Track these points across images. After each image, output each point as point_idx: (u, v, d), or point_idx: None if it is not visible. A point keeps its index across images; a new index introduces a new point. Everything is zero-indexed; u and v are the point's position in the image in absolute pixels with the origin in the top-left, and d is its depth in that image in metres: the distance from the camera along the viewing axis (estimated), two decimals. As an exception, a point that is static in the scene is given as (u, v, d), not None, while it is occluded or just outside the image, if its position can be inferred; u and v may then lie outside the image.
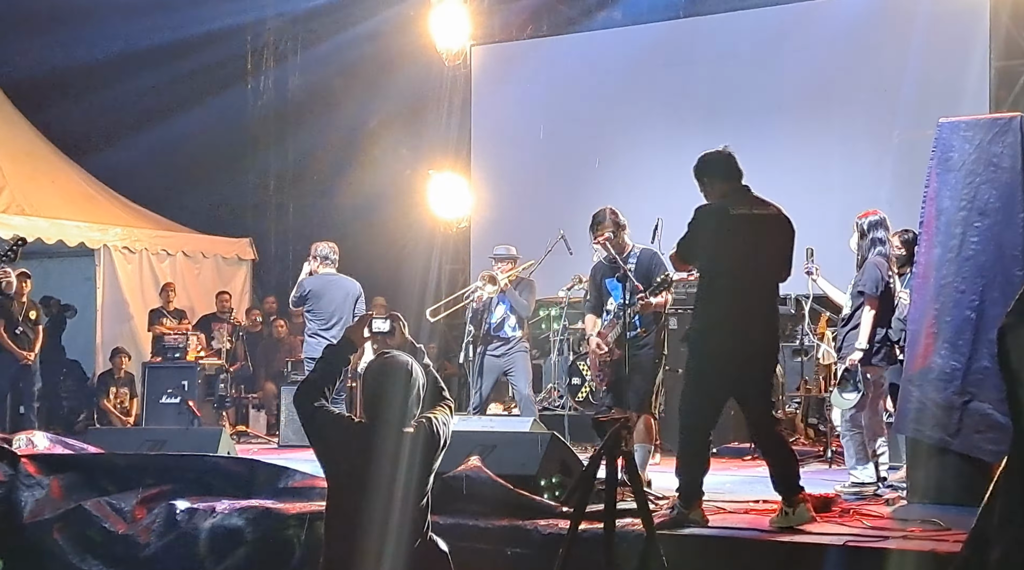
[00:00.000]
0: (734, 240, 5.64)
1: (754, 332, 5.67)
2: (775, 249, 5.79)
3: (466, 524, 5.63)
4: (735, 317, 5.61)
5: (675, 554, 4.70)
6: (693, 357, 5.83)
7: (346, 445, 4.29)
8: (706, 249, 5.75)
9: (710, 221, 5.70)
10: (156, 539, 6.16)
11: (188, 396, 11.64)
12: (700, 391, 5.73)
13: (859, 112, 12.00)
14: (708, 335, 5.69)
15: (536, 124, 13.80)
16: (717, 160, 5.89)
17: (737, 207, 5.71)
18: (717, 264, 5.73)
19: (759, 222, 5.72)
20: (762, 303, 5.74)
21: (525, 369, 9.17)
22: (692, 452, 5.70)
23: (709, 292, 5.78)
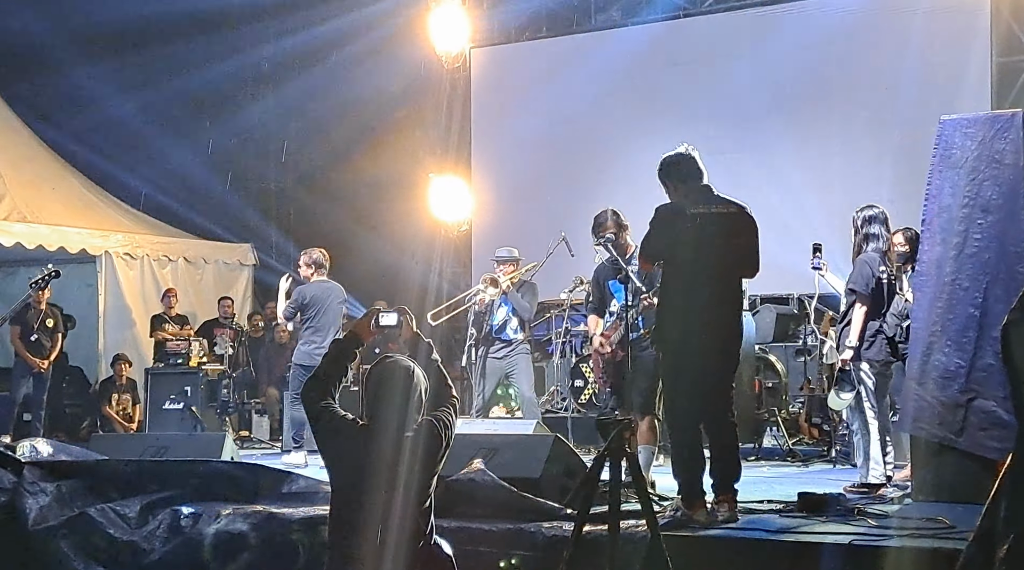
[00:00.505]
0: (691, 239, 5.71)
1: (712, 330, 5.73)
2: (736, 247, 5.84)
3: (470, 527, 5.61)
4: (692, 315, 5.69)
5: (680, 555, 4.68)
6: (663, 357, 5.96)
7: (349, 447, 4.28)
8: (666, 248, 5.85)
9: (668, 221, 5.80)
10: (160, 545, 6.14)
11: (191, 402, 11.64)
12: (676, 390, 5.81)
13: (860, 110, 11.98)
14: (668, 333, 5.82)
15: (536, 126, 13.78)
16: (677, 162, 5.97)
17: (695, 206, 5.78)
18: (675, 263, 5.82)
19: (718, 221, 5.77)
20: (721, 301, 5.79)
21: (527, 371, 9.17)
22: (685, 452, 5.75)
23: (669, 291, 5.88)
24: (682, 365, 5.76)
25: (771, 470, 8.85)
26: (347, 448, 4.29)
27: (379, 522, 4.15)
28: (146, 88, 15.07)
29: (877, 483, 6.92)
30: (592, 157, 13.27)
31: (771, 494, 6.71)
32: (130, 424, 12.43)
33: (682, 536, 5.18)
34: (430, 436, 4.29)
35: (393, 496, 4.16)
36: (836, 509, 5.91)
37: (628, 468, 4.52)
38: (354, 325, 4.66)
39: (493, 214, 13.83)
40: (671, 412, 5.88)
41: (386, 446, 4.21)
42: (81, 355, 13.82)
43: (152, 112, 15.14)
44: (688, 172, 5.92)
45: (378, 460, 4.20)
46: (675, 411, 5.85)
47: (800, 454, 9.54)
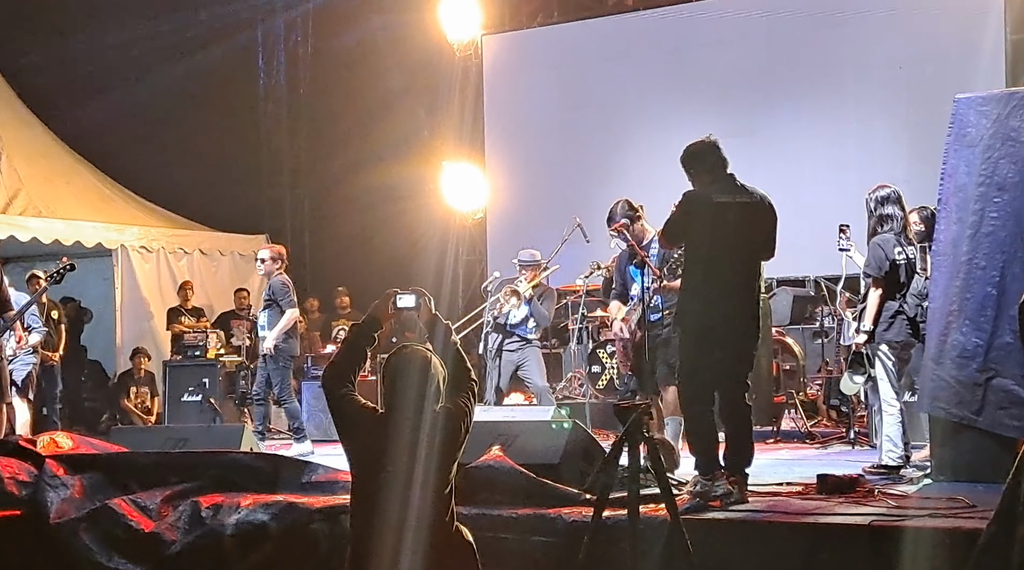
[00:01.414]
0: (716, 228, 5.86)
1: (732, 315, 5.86)
2: (757, 234, 6.00)
3: (490, 514, 5.62)
4: (714, 300, 5.84)
5: (700, 539, 4.69)
6: (682, 339, 6.10)
7: (368, 436, 4.28)
8: (689, 235, 6.02)
9: (694, 208, 5.95)
10: (182, 536, 6.15)
11: (209, 394, 11.68)
12: (694, 370, 5.93)
13: (874, 90, 11.92)
14: (691, 317, 5.96)
15: (549, 112, 13.77)
16: (701, 151, 6.07)
17: (721, 195, 5.91)
18: (699, 250, 5.97)
19: (741, 210, 5.91)
20: (742, 287, 5.92)
21: (538, 363, 9.33)
22: (700, 432, 5.89)
23: (692, 276, 6.02)
24: (702, 346, 5.86)
25: (790, 452, 8.84)
26: (366, 437, 4.29)
27: (399, 509, 4.15)
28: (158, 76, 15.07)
29: (896, 464, 6.89)
30: (606, 142, 13.24)
31: (790, 476, 6.71)
32: (149, 417, 12.48)
33: (702, 520, 5.18)
34: (449, 423, 4.28)
35: (413, 484, 4.16)
36: (855, 490, 5.91)
37: (647, 453, 4.53)
38: (372, 308, 4.62)
39: (508, 201, 13.81)
40: (688, 390, 5.99)
41: (405, 434, 4.21)
42: (99, 349, 13.90)
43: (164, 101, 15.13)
44: (712, 161, 6.02)
45: (397, 449, 4.20)
46: (692, 389, 5.94)
47: (818, 436, 9.53)
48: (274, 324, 9.74)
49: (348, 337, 4.57)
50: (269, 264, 9.94)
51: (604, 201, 7.82)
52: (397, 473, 4.18)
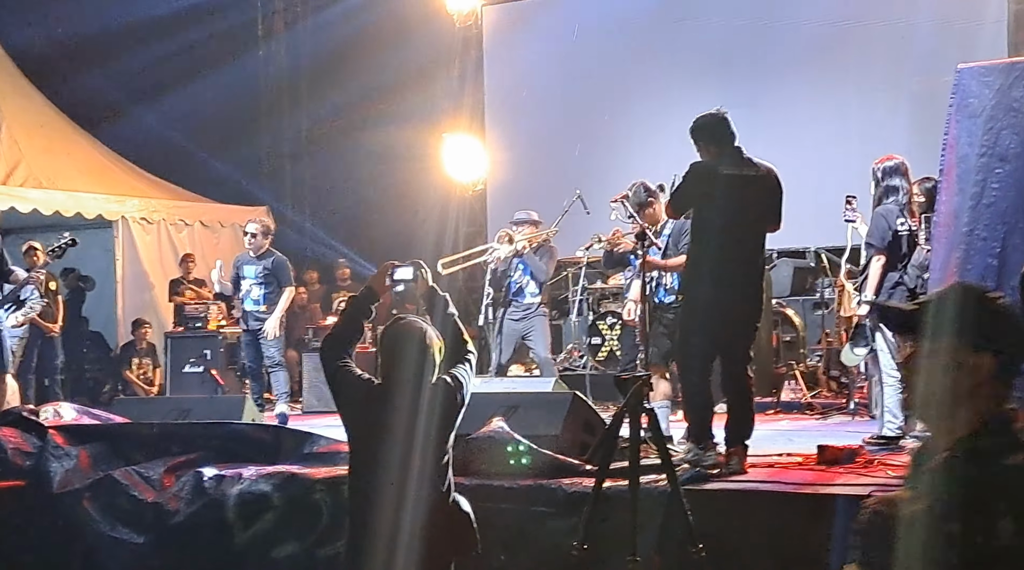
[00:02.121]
0: (721, 200, 5.91)
1: (736, 287, 5.92)
2: (762, 207, 6.06)
3: (491, 485, 5.64)
4: (720, 272, 5.88)
5: (700, 509, 4.71)
6: (685, 309, 6.19)
7: (365, 406, 4.30)
8: (695, 207, 6.10)
9: (700, 179, 6.00)
10: (185, 506, 6.19)
11: (211, 365, 11.70)
12: (695, 335, 5.97)
13: (875, 60, 11.89)
14: (696, 288, 6.02)
15: (550, 83, 13.72)
16: (710, 124, 6.11)
17: (727, 168, 5.95)
18: (705, 222, 6.03)
19: (747, 183, 5.96)
20: (745, 260, 5.98)
21: (543, 333, 9.20)
22: (696, 395, 5.95)
23: (698, 248, 6.08)
24: (704, 317, 5.91)
25: (790, 423, 8.87)
26: (363, 408, 4.31)
27: (396, 480, 4.17)
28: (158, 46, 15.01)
29: (896, 435, 6.91)
30: (606, 113, 13.20)
31: (790, 447, 6.72)
32: (151, 388, 12.51)
33: (702, 490, 5.20)
34: (446, 394, 4.29)
35: (410, 455, 4.18)
36: (855, 461, 5.93)
37: (648, 424, 4.55)
38: (369, 280, 4.63)
39: (508, 173, 13.79)
40: (686, 356, 6.06)
41: (401, 406, 4.22)
42: (100, 320, 13.91)
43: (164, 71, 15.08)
44: (721, 134, 6.05)
45: (394, 420, 4.21)
46: (691, 355, 6.00)
47: (818, 407, 9.55)
48: (272, 301, 9.54)
49: (345, 309, 4.58)
50: (260, 238, 9.73)
51: (605, 172, 7.86)
52: (394, 444, 4.19)
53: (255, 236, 9.76)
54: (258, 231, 9.79)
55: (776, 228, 6.21)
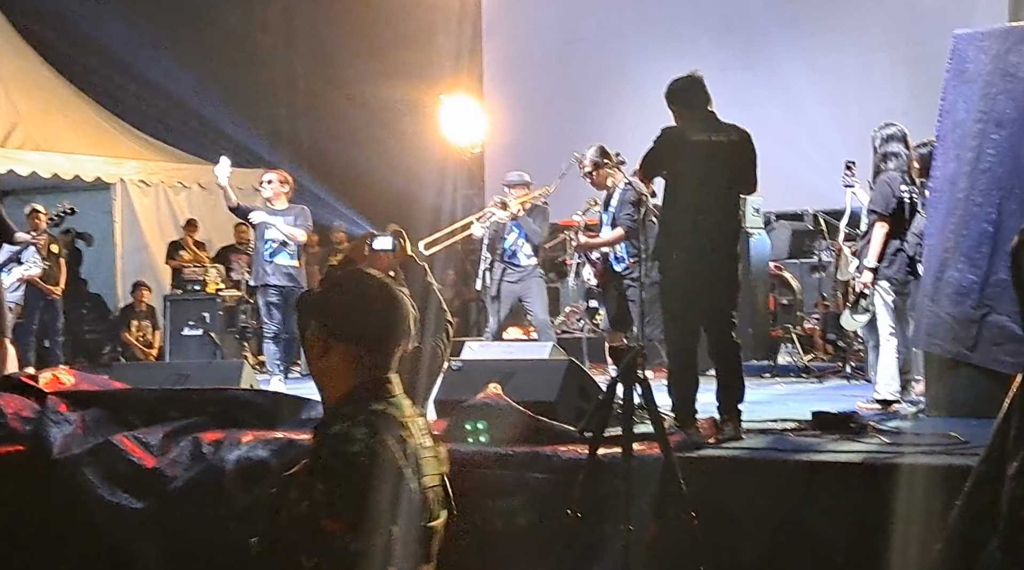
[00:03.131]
0: (690, 166, 5.83)
1: (711, 255, 5.85)
2: (733, 172, 5.97)
3: (486, 451, 5.67)
4: (692, 240, 5.82)
5: (693, 476, 4.74)
6: (661, 277, 6.11)
7: None
8: (665, 172, 6.03)
9: (669, 144, 5.92)
10: (183, 472, 6.20)
11: (210, 328, 11.74)
12: (671, 310, 5.96)
13: (874, 23, 11.84)
14: (669, 255, 5.95)
15: (548, 45, 13.66)
16: (683, 87, 6.04)
17: (697, 134, 5.87)
18: (675, 188, 5.96)
19: (719, 148, 5.87)
20: (718, 226, 5.89)
21: (541, 295, 9.20)
22: (679, 370, 5.87)
23: (669, 214, 6.03)
24: (683, 285, 5.86)
25: (786, 387, 8.92)
26: None
27: None
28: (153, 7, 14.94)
29: (891, 399, 6.96)
30: (604, 76, 13.16)
31: (785, 412, 6.75)
32: (150, 350, 12.56)
33: (695, 457, 5.22)
34: (421, 363, 4.30)
35: None
36: (849, 427, 5.96)
37: (641, 392, 4.58)
38: (348, 250, 4.63)
39: (506, 135, 13.76)
40: (671, 333, 6.00)
41: None
42: (100, 282, 13.95)
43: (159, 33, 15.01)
44: (693, 98, 5.98)
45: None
46: (675, 332, 5.95)
47: (815, 370, 9.60)
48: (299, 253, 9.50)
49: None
50: (277, 186, 9.52)
51: (602, 135, 7.85)
52: None
53: (270, 182, 9.56)
54: (274, 178, 9.57)
55: (750, 191, 6.21)
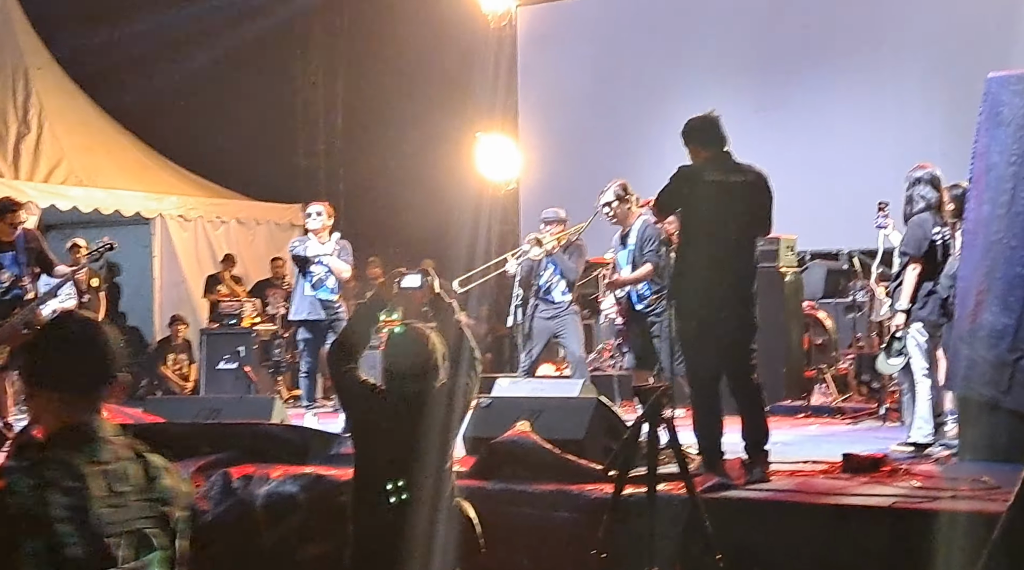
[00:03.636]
0: (706, 206, 5.84)
1: (726, 295, 5.85)
2: (749, 213, 5.96)
3: (514, 489, 5.68)
4: (708, 282, 5.81)
5: (719, 518, 4.73)
6: (678, 318, 6.07)
7: (369, 411, 4.37)
8: (681, 211, 6.04)
9: (685, 184, 5.92)
10: (214, 506, 6.26)
11: (245, 362, 11.81)
12: (689, 351, 5.96)
13: (911, 63, 11.78)
14: (684, 295, 5.94)
15: (582, 83, 13.72)
16: (700, 126, 6.04)
17: (713, 173, 5.87)
18: (691, 228, 5.96)
19: (734, 189, 5.87)
20: (734, 265, 5.90)
21: (576, 331, 9.17)
22: (704, 413, 5.84)
23: (684, 254, 6.03)
24: (700, 328, 5.85)
25: (819, 428, 8.84)
26: (367, 412, 4.38)
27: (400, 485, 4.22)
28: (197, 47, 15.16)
29: (925, 442, 6.89)
30: (639, 113, 13.19)
31: (817, 453, 6.71)
32: (186, 384, 12.65)
33: (721, 498, 5.21)
34: (448, 401, 4.34)
35: (411, 460, 4.23)
36: (881, 470, 5.92)
37: (666, 432, 4.57)
38: (377, 288, 4.71)
39: (540, 172, 13.81)
40: (690, 374, 6.00)
41: (403, 411, 4.28)
42: (137, 316, 14.08)
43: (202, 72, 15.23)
44: (710, 137, 5.98)
45: (395, 425, 4.27)
46: (694, 373, 5.95)
47: (849, 411, 9.50)
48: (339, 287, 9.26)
49: (353, 317, 4.66)
50: (325, 218, 9.19)
51: (637, 173, 7.88)
52: (396, 449, 4.25)
53: (318, 214, 9.19)
54: (323, 210, 9.26)
55: (765, 233, 6.15)
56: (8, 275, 8.35)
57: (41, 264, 8.54)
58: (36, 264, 8.51)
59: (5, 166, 12.57)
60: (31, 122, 13.13)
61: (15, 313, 8.26)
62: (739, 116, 11.63)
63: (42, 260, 8.53)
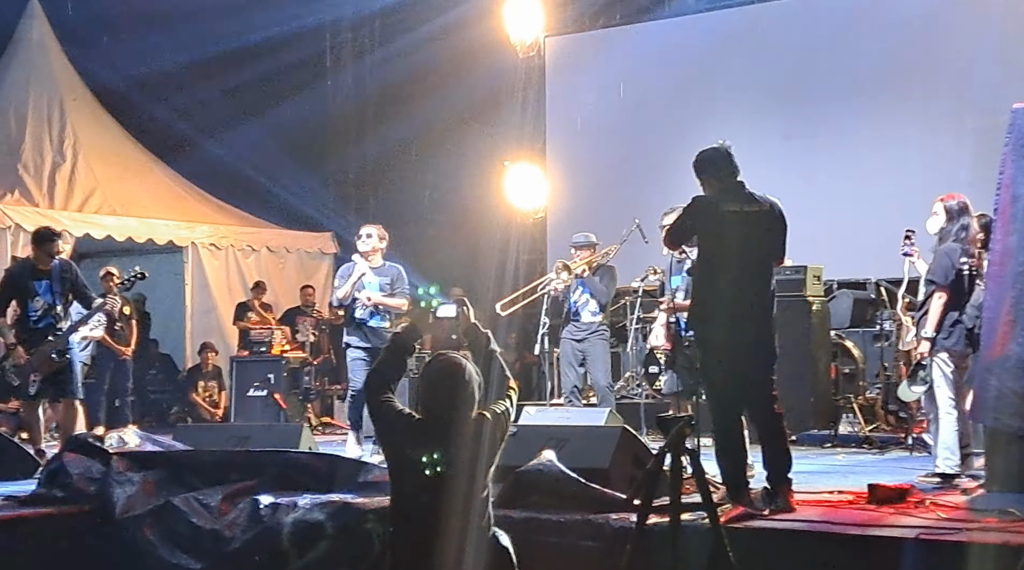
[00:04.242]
0: (724, 236, 5.88)
1: (746, 324, 5.86)
2: (766, 243, 6.01)
3: (539, 518, 5.70)
4: (727, 312, 5.82)
5: (743, 548, 4.73)
6: (699, 348, 6.10)
7: (405, 440, 4.40)
8: (699, 242, 6.07)
9: (700, 215, 5.96)
10: (241, 534, 6.31)
11: (274, 389, 11.89)
12: (710, 381, 5.95)
13: (939, 93, 11.79)
14: (705, 325, 5.96)
15: (610, 113, 13.79)
16: (712, 158, 6.07)
17: (729, 204, 5.91)
18: (708, 258, 5.99)
19: (750, 219, 5.91)
20: (752, 294, 5.91)
21: (604, 358, 9.18)
22: (727, 443, 5.85)
23: (703, 284, 6.05)
24: (721, 359, 5.86)
25: (846, 457, 8.81)
26: (403, 442, 4.41)
27: (435, 514, 4.26)
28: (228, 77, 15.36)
29: (952, 473, 6.86)
30: (666, 144, 13.20)
31: (843, 483, 6.70)
32: (216, 411, 12.74)
33: (745, 528, 5.21)
34: (484, 430, 4.38)
35: (447, 489, 4.26)
36: (906, 501, 5.90)
37: (689, 462, 4.59)
38: (413, 317, 4.77)
39: (568, 201, 13.87)
40: (712, 403, 5.98)
41: (439, 441, 4.32)
42: (169, 343, 14.22)
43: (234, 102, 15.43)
44: (722, 169, 6.01)
45: (431, 454, 4.30)
46: (716, 403, 5.94)
47: (876, 441, 9.47)
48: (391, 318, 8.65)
49: (389, 347, 4.70)
50: (376, 241, 8.80)
51: (664, 203, 7.87)
52: (432, 478, 4.29)
53: (369, 236, 8.82)
54: (374, 232, 8.88)
55: (779, 261, 6.17)
56: (42, 303, 8.49)
57: (76, 294, 8.66)
58: (71, 294, 8.62)
59: (40, 195, 12.77)
60: (66, 152, 13.36)
61: (47, 341, 8.39)
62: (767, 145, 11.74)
63: (77, 291, 8.66)
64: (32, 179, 12.90)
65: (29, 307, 8.51)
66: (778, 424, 5.93)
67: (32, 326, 8.47)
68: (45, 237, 8.72)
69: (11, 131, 13.33)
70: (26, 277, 8.58)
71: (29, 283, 8.51)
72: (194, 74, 15.20)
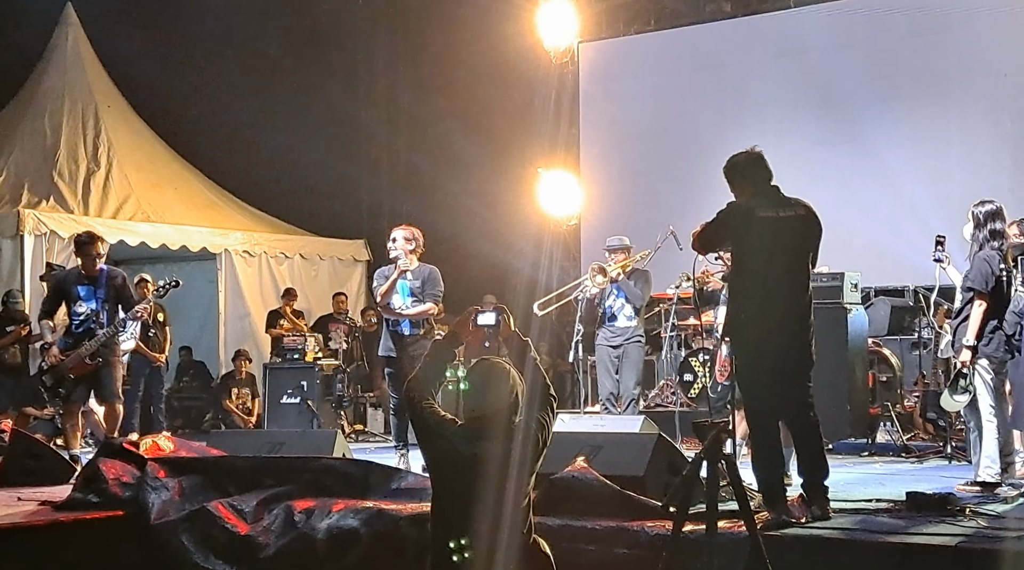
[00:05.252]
0: (760, 242, 5.77)
1: (782, 329, 5.77)
2: (802, 248, 5.90)
3: (574, 525, 5.67)
4: (762, 314, 5.73)
5: (780, 556, 4.68)
6: (736, 354, 5.99)
7: (447, 445, 4.38)
8: (733, 248, 5.97)
9: (736, 221, 5.84)
10: (275, 539, 6.30)
11: (307, 396, 11.91)
12: (746, 388, 5.85)
13: (977, 97, 11.68)
14: (741, 332, 5.85)
15: (644, 119, 13.76)
16: (744, 163, 5.97)
17: (764, 209, 5.81)
18: (744, 264, 5.88)
19: (784, 224, 5.81)
20: (789, 300, 5.82)
21: (635, 365, 9.14)
22: (764, 451, 5.78)
23: (739, 290, 5.95)
24: (757, 365, 5.79)
25: (884, 466, 8.72)
26: (445, 447, 4.39)
27: (476, 520, 4.23)
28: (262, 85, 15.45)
29: (993, 481, 6.77)
30: (701, 150, 13.12)
31: (881, 492, 6.63)
32: (249, 418, 12.78)
33: (781, 536, 5.16)
34: (527, 436, 4.35)
35: (490, 495, 4.24)
36: (946, 509, 5.81)
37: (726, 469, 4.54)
38: (453, 325, 4.75)
39: (602, 208, 13.84)
40: (749, 411, 5.92)
41: (482, 446, 4.30)
42: (203, 350, 14.28)
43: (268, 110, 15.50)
44: (755, 173, 5.92)
45: (476, 460, 4.29)
46: (752, 410, 5.87)
47: (914, 450, 9.37)
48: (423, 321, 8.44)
49: (429, 353, 4.70)
50: (403, 243, 8.33)
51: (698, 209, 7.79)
52: (472, 482, 4.26)
53: (394, 240, 8.37)
54: (404, 236, 8.38)
55: (813, 265, 6.04)
56: (85, 308, 8.58)
57: (122, 302, 8.73)
58: (117, 301, 8.69)
59: (75, 202, 12.87)
60: (100, 159, 13.47)
61: (84, 345, 8.46)
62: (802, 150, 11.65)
63: (123, 298, 8.73)
64: (67, 186, 13.02)
65: (73, 312, 8.66)
66: (814, 432, 5.84)
67: (74, 330, 8.63)
68: (81, 241, 8.89)
69: (46, 138, 13.47)
70: (71, 282, 8.74)
71: (74, 288, 8.65)
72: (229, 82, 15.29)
